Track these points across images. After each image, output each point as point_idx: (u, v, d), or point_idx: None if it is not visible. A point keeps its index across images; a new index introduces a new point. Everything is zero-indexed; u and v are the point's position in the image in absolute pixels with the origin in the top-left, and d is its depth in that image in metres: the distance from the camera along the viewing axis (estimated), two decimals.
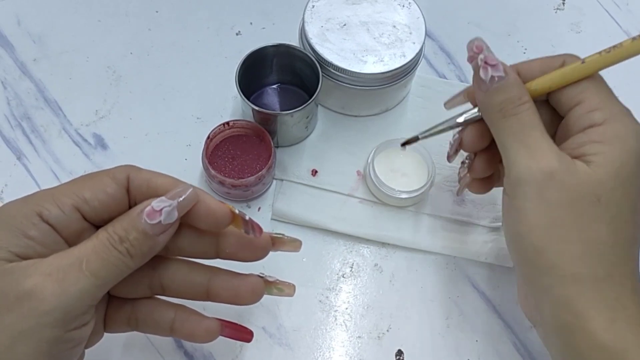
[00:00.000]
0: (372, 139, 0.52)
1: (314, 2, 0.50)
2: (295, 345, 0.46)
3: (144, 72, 0.56)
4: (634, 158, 0.32)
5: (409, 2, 0.51)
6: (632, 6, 0.63)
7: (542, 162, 0.31)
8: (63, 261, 0.28)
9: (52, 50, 0.57)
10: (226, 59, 0.57)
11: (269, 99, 0.54)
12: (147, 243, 0.29)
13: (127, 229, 0.29)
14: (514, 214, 0.33)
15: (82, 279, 0.27)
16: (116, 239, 0.28)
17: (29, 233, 0.28)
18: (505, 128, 0.34)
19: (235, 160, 0.49)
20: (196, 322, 0.34)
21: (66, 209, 0.29)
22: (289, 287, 0.36)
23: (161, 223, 0.29)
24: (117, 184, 0.30)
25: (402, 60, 0.48)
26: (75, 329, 0.28)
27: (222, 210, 0.31)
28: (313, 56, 0.48)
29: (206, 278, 0.33)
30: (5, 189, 0.50)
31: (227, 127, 0.49)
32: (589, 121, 0.33)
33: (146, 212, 0.29)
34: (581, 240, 0.31)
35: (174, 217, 0.29)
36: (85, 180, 0.31)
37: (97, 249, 0.28)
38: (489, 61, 0.35)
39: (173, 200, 0.29)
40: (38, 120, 0.53)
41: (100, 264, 0.28)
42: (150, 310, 0.34)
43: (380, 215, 0.51)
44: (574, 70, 0.35)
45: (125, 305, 0.34)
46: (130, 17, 0.59)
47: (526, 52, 0.60)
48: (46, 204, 0.29)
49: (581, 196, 0.31)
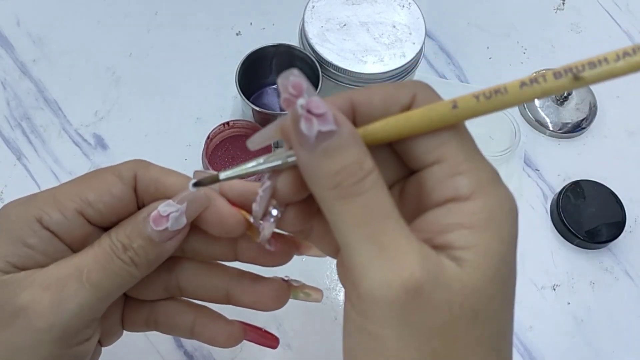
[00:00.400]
0: None
1: (314, 2, 0.50)
2: (295, 346, 0.46)
3: (143, 73, 0.56)
4: (511, 248, 0.23)
5: (409, 2, 0.51)
6: (632, 6, 0.63)
7: (404, 273, 0.22)
8: (62, 272, 0.26)
9: (52, 50, 0.57)
10: (226, 59, 0.57)
11: (269, 99, 0.54)
12: (154, 251, 0.27)
13: (131, 236, 0.26)
14: (368, 341, 0.23)
15: (81, 292, 0.25)
16: (119, 247, 0.26)
17: (29, 241, 0.26)
18: (346, 216, 0.23)
19: (235, 160, 0.49)
20: (218, 327, 0.32)
21: (68, 214, 0.26)
22: (316, 292, 0.33)
23: (168, 230, 0.26)
24: (123, 183, 0.27)
25: (402, 60, 0.48)
26: (76, 345, 0.26)
27: (235, 218, 0.28)
28: (313, 56, 0.48)
29: (226, 281, 0.31)
30: (5, 189, 0.50)
31: (227, 127, 0.49)
32: (453, 191, 0.23)
33: (152, 218, 0.26)
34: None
35: (182, 223, 0.26)
36: (89, 179, 0.28)
37: (98, 257, 0.26)
38: (313, 109, 0.23)
39: (181, 205, 0.26)
40: (38, 121, 0.53)
41: (102, 274, 0.26)
42: (169, 313, 0.32)
43: None
44: (437, 115, 0.24)
45: (143, 306, 0.32)
46: (130, 17, 0.59)
47: (526, 52, 0.60)
48: (47, 208, 0.26)
49: (456, 316, 0.22)
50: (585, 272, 0.50)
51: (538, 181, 0.54)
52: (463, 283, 0.22)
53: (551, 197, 0.53)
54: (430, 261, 0.22)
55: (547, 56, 0.60)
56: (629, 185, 0.53)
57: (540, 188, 0.54)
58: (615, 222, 0.50)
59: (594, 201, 0.51)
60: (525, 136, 0.55)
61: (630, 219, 0.52)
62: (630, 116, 0.58)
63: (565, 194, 0.51)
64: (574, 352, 0.47)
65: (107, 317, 0.29)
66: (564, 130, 0.56)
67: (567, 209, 0.51)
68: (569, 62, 0.59)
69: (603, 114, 0.57)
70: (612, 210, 0.51)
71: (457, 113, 0.24)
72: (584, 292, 0.50)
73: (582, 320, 0.48)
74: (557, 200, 0.51)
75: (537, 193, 0.53)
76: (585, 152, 0.56)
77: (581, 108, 0.57)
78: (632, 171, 0.55)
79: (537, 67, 0.59)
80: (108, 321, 0.30)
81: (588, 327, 0.48)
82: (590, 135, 0.57)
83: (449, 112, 0.24)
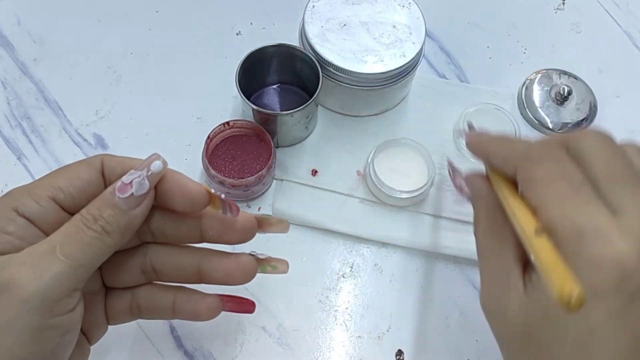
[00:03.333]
0: (372, 139, 0.52)
1: (314, 2, 0.50)
2: (295, 345, 0.46)
3: (144, 72, 0.56)
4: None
5: (409, 2, 0.51)
6: (632, 6, 0.63)
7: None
8: (36, 249, 0.28)
9: (52, 50, 0.57)
10: (226, 59, 0.57)
11: (269, 99, 0.54)
12: (124, 218, 0.29)
13: (100, 208, 0.28)
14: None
15: (56, 263, 0.27)
16: (90, 219, 0.28)
17: (7, 228, 0.28)
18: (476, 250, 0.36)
19: (235, 160, 0.49)
20: (197, 300, 0.34)
21: (42, 201, 0.29)
22: (282, 263, 0.35)
23: (134, 195, 0.28)
24: (90, 168, 0.30)
25: (402, 60, 0.48)
26: (59, 314, 0.27)
27: (197, 190, 0.30)
28: (313, 56, 0.48)
29: (196, 260, 0.33)
30: (5, 189, 0.51)
31: (227, 127, 0.49)
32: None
33: (117, 188, 0.28)
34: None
35: (145, 187, 0.29)
36: (60, 170, 0.30)
37: (70, 232, 0.28)
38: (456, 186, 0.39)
39: (142, 171, 0.29)
40: (38, 120, 0.54)
41: (75, 246, 0.28)
42: (149, 296, 0.34)
43: (380, 215, 0.51)
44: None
45: (124, 294, 0.34)
46: (130, 17, 0.59)
47: (526, 52, 0.60)
48: (22, 199, 0.29)
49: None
50: None
51: None
52: None
53: None
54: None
55: (547, 56, 0.60)
56: None
57: None
58: None
59: None
60: (526, 136, 0.55)
61: None
62: (630, 116, 0.58)
63: None
64: None
65: (90, 311, 0.31)
66: (564, 130, 0.56)
67: None
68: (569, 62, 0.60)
69: (603, 114, 0.57)
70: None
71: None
72: None
73: None
74: None
75: None
76: None
77: (581, 108, 0.57)
78: None
79: (537, 67, 0.59)
80: (92, 315, 0.32)
81: None
82: None
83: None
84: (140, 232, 0.32)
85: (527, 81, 0.58)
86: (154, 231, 0.32)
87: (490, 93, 0.57)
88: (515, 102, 0.58)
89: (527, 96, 0.57)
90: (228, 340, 0.45)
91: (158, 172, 0.29)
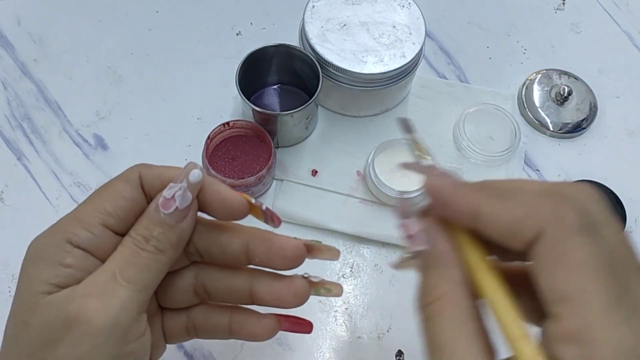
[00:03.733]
0: (372, 139, 0.52)
1: (314, 2, 0.50)
2: (295, 345, 0.46)
3: (144, 72, 0.56)
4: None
5: (409, 2, 0.51)
6: (632, 6, 0.63)
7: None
8: (98, 279, 0.27)
9: (52, 50, 0.57)
10: (226, 59, 0.57)
11: (269, 99, 0.54)
12: (173, 234, 0.28)
13: (148, 227, 0.28)
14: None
15: (120, 290, 0.27)
16: (141, 240, 0.28)
17: (65, 261, 0.27)
18: (425, 335, 0.26)
19: (235, 161, 0.49)
20: (254, 322, 0.34)
21: (94, 230, 0.28)
22: (336, 286, 0.34)
23: (178, 209, 0.28)
24: (131, 185, 0.29)
25: (402, 60, 0.48)
26: (132, 341, 0.27)
27: (237, 199, 0.30)
28: (313, 56, 0.48)
29: (248, 282, 0.32)
30: (5, 189, 0.51)
31: (227, 127, 0.49)
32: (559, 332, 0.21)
33: (160, 204, 0.28)
34: None
35: (188, 199, 0.28)
36: (100, 192, 0.30)
37: (125, 256, 0.28)
38: (407, 230, 0.27)
39: (182, 183, 0.28)
40: (38, 121, 0.54)
41: (133, 269, 0.27)
42: (204, 317, 0.33)
43: (380, 215, 0.51)
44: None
45: (179, 315, 0.33)
46: (130, 17, 0.59)
47: (526, 52, 0.60)
48: (73, 229, 0.28)
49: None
50: None
51: None
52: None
53: None
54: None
55: (547, 56, 0.60)
56: (629, 185, 0.53)
57: None
58: None
59: None
60: (526, 136, 0.55)
61: (630, 219, 0.52)
62: (630, 116, 0.58)
63: None
64: None
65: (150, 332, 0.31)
66: (564, 130, 0.56)
67: None
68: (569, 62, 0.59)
69: (603, 114, 0.57)
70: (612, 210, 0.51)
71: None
72: None
73: None
74: None
75: None
76: (586, 152, 0.56)
77: (581, 108, 0.57)
78: (632, 171, 0.55)
79: (537, 67, 0.59)
80: (152, 336, 0.31)
81: None
82: (590, 136, 0.57)
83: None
84: (187, 252, 0.31)
85: (527, 81, 0.58)
86: (201, 252, 0.31)
87: (490, 93, 0.57)
88: (515, 102, 0.58)
89: (527, 96, 0.57)
90: (228, 341, 0.45)
91: (198, 182, 0.29)
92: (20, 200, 0.50)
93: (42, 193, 0.50)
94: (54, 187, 0.51)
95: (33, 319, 0.26)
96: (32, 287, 0.27)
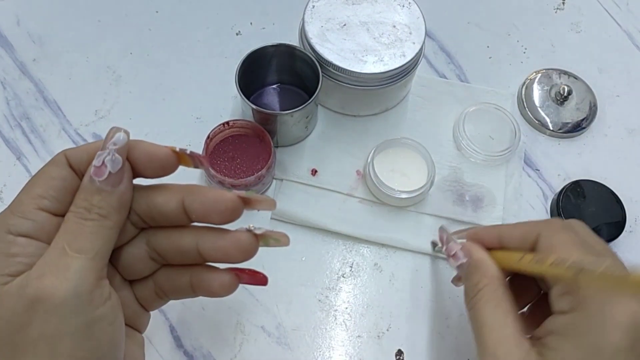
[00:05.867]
0: (372, 139, 0.52)
1: (314, 2, 0.50)
2: (294, 345, 0.46)
3: (144, 72, 0.56)
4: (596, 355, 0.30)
5: (409, 2, 0.51)
6: (632, 6, 0.63)
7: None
8: (48, 258, 0.28)
9: (52, 50, 0.57)
10: (226, 59, 0.57)
11: (269, 99, 0.54)
12: (113, 198, 0.29)
13: (86, 198, 0.29)
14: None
15: (72, 261, 0.27)
16: (83, 211, 0.28)
17: (11, 251, 0.28)
18: (471, 322, 0.36)
19: (235, 160, 0.49)
20: (210, 278, 0.34)
21: (30, 215, 0.29)
22: (283, 236, 0.34)
23: (112, 174, 0.29)
24: (57, 166, 0.30)
25: (402, 60, 0.48)
26: (99, 305, 0.28)
27: (162, 151, 0.31)
28: (313, 56, 0.48)
29: (194, 240, 0.32)
30: (4, 188, 0.51)
31: (227, 127, 0.49)
32: (559, 306, 0.33)
33: (93, 173, 0.29)
34: None
35: (118, 161, 0.29)
36: (31, 180, 0.30)
37: (70, 229, 0.28)
38: (449, 252, 0.38)
39: (109, 148, 0.29)
40: (38, 120, 0.53)
41: (81, 239, 0.28)
42: (167, 279, 0.34)
43: (380, 215, 0.51)
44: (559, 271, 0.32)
45: (146, 283, 0.34)
46: (130, 17, 0.59)
47: (526, 52, 0.60)
48: (10, 220, 0.29)
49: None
50: None
51: (538, 181, 0.54)
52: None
53: (551, 197, 0.53)
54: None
55: (547, 56, 0.60)
56: (629, 185, 0.53)
57: (540, 188, 0.54)
58: (615, 222, 0.50)
59: (594, 201, 0.51)
60: (526, 136, 0.55)
61: (630, 219, 0.51)
62: (630, 115, 0.58)
63: (565, 194, 0.51)
64: None
65: (124, 304, 0.31)
66: (564, 130, 0.56)
67: (567, 209, 0.51)
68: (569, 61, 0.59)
69: (603, 113, 0.57)
70: (612, 210, 0.51)
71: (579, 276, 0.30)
72: None
73: None
74: (557, 200, 0.51)
75: (537, 193, 0.53)
76: (586, 151, 0.56)
77: (581, 108, 0.57)
78: (632, 171, 0.55)
79: (537, 67, 0.59)
80: (127, 307, 0.33)
81: None
82: (590, 135, 0.57)
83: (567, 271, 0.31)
84: (132, 221, 0.32)
85: (527, 81, 0.58)
86: (143, 217, 0.32)
87: (490, 93, 0.57)
88: (515, 102, 0.58)
89: (527, 96, 0.57)
90: (227, 340, 0.45)
91: (124, 144, 0.30)
92: None
93: None
94: None
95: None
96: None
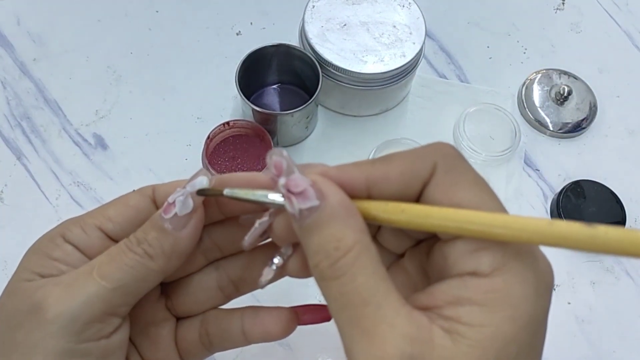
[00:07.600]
0: (372, 139, 0.52)
1: (314, 2, 0.50)
2: (295, 345, 0.46)
3: (144, 72, 0.56)
4: (528, 329, 0.21)
5: (409, 2, 0.51)
6: (632, 6, 0.63)
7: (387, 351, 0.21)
8: (77, 271, 0.27)
9: (52, 50, 0.57)
10: (226, 59, 0.57)
11: (269, 99, 0.54)
12: (167, 241, 0.26)
13: (145, 230, 0.27)
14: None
15: (90, 283, 0.26)
16: (134, 242, 0.27)
17: (53, 254, 0.27)
18: (327, 298, 0.23)
19: (235, 160, 0.49)
20: (268, 317, 0.31)
21: (88, 229, 0.28)
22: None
23: (177, 215, 0.26)
24: (140, 196, 0.29)
25: (402, 60, 0.48)
26: (90, 340, 0.26)
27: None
28: (313, 56, 0.48)
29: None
30: (5, 188, 0.50)
31: (227, 127, 0.49)
32: (473, 266, 0.22)
33: (163, 208, 0.27)
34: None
35: (189, 205, 0.26)
36: (113, 201, 0.29)
37: (111, 254, 0.27)
38: (292, 187, 0.23)
39: (185, 188, 0.26)
40: (38, 120, 0.53)
41: (113, 267, 0.26)
42: (216, 320, 0.31)
43: None
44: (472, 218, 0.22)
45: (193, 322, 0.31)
46: (130, 17, 0.59)
47: (526, 52, 0.60)
48: (70, 227, 0.28)
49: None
50: (586, 272, 0.50)
51: (538, 181, 0.54)
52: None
53: (551, 197, 0.53)
54: (415, 344, 0.21)
55: (547, 56, 0.60)
56: (629, 185, 0.53)
57: (540, 188, 0.54)
58: (615, 222, 0.51)
59: (594, 201, 0.51)
60: (526, 136, 0.55)
61: (630, 219, 0.51)
62: (630, 116, 0.58)
63: (565, 194, 0.51)
64: (575, 352, 0.47)
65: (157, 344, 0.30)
66: (564, 130, 0.56)
67: (567, 209, 0.51)
68: (569, 62, 0.59)
69: (603, 113, 0.57)
70: (612, 210, 0.51)
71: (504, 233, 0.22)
72: (584, 292, 0.50)
73: (582, 320, 0.48)
74: (558, 200, 0.51)
75: (538, 193, 0.53)
76: (586, 152, 0.56)
77: (581, 108, 0.57)
78: (632, 171, 0.55)
79: (537, 67, 0.59)
80: (161, 350, 0.30)
81: (589, 327, 0.48)
82: (590, 135, 0.57)
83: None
84: (206, 251, 0.30)
85: (527, 81, 0.58)
86: (220, 246, 0.30)
87: (490, 93, 0.57)
88: (515, 102, 0.58)
89: (527, 96, 0.57)
90: None
91: (201, 189, 0.27)
92: (19, 200, 0.50)
93: (41, 192, 0.50)
94: (53, 187, 0.51)
95: (7, 303, 0.27)
96: (18, 274, 0.27)
